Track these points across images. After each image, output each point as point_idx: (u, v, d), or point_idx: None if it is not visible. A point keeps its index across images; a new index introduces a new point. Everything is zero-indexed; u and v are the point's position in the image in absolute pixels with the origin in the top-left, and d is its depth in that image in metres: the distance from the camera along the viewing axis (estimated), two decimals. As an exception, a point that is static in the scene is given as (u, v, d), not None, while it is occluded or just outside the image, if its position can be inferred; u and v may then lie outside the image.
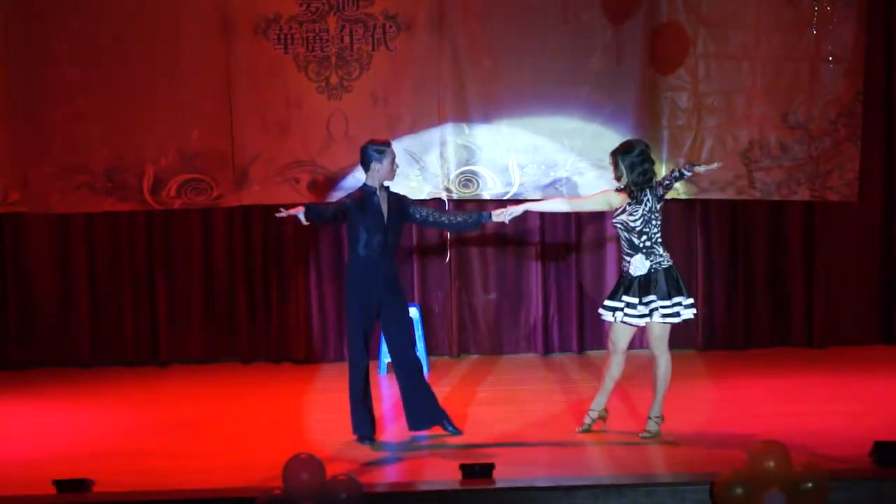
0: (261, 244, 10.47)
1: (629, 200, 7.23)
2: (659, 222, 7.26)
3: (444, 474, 6.49)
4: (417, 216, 7.48)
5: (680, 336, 10.43)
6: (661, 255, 7.24)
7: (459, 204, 10.27)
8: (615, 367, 7.40)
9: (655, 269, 7.22)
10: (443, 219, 7.61)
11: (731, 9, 9.97)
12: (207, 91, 9.91)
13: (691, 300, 7.30)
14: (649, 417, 7.37)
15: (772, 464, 5.52)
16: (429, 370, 9.89)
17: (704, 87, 10.02)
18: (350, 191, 9.75)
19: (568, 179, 10.00)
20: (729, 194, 10.16)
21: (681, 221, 10.48)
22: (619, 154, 7.29)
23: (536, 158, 10.01)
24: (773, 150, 10.05)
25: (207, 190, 9.99)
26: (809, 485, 5.54)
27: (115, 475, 6.58)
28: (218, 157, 9.97)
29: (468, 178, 9.94)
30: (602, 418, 7.46)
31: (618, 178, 7.30)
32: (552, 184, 9.96)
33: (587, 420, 7.43)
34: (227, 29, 9.86)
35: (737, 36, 9.98)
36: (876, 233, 10.61)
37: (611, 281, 10.50)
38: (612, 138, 9.90)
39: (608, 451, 7.12)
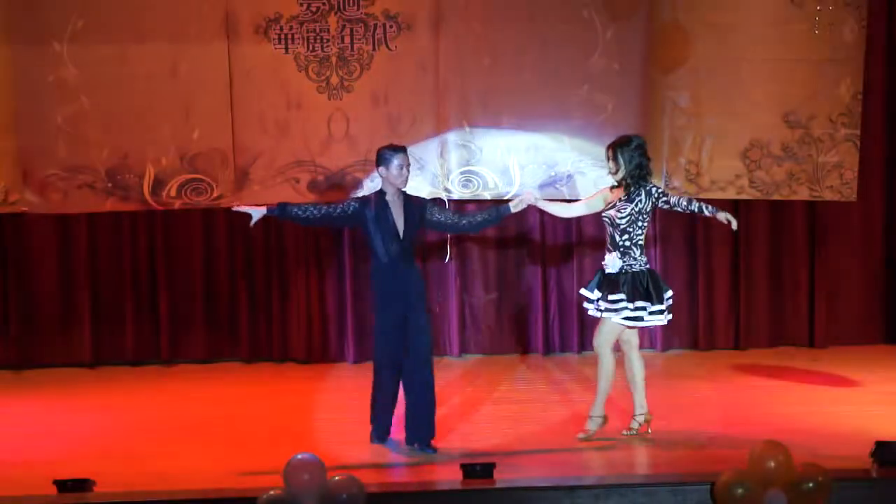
0: (262, 244, 10.48)
1: (622, 196, 7.24)
2: (645, 225, 7.25)
3: (445, 474, 6.50)
4: (435, 220, 7.34)
5: (681, 336, 10.51)
6: (634, 259, 7.23)
7: (460, 204, 10.27)
8: (627, 367, 7.42)
9: (626, 270, 7.22)
10: (463, 222, 7.42)
11: (732, 8, 9.96)
12: (208, 91, 9.90)
13: (660, 307, 7.24)
14: (591, 417, 7.38)
15: (773, 464, 5.53)
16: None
17: (705, 86, 10.01)
18: (347, 189, 9.88)
19: (569, 178, 9.99)
20: (729, 194, 10.16)
21: (681, 221, 10.49)
22: (617, 147, 7.32)
23: (537, 158, 10.00)
24: (774, 149, 10.05)
25: (208, 190, 9.99)
26: (810, 485, 5.54)
27: (116, 475, 6.58)
28: (218, 157, 9.97)
29: (468, 178, 9.94)
30: (647, 420, 7.43)
31: (614, 172, 7.31)
32: (553, 183, 9.95)
33: (634, 425, 7.41)
34: (227, 29, 9.85)
35: (737, 35, 9.97)
36: (877, 232, 10.62)
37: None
38: (613, 137, 9.90)
39: (608, 451, 7.12)
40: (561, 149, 9.99)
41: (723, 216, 7.22)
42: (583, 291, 7.47)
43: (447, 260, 10.36)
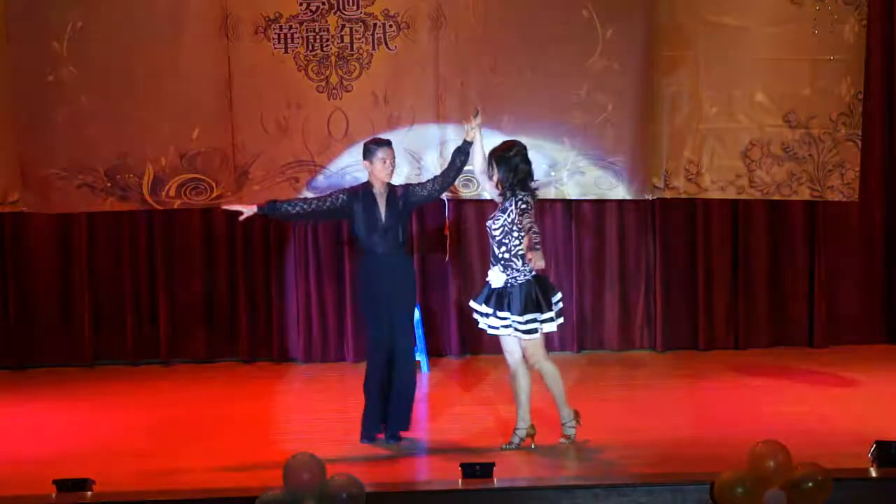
0: (261, 244, 10.48)
1: (503, 206, 7.19)
2: (522, 235, 7.07)
3: (444, 474, 6.50)
4: (422, 196, 7.54)
5: (680, 336, 10.51)
6: (518, 270, 7.10)
7: (459, 204, 10.28)
8: (512, 379, 7.26)
9: (512, 283, 7.10)
10: (446, 181, 7.59)
11: (732, 8, 9.95)
12: (208, 91, 9.89)
13: (551, 314, 7.12)
14: (563, 424, 7.28)
15: (772, 464, 5.52)
16: (429, 370, 9.91)
17: (705, 86, 10.00)
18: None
19: (569, 178, 9.99)
20: (729, 194, 10.16)
21: (681, 221, 10.49)
22: (492, 153, 7.28)
23: (537, 158, 9.89)
24: (774, 149, 10.04)
25: (207, 190, 9.98)
26: (810, 485, 5.54)
27: (116, 475, 6.58)
28: (218, 156, 9.96)
29: (468, 178, 9.90)
30: (531, 435, 7.25)
31: (491, 178, 7.28)
32: (553, 183, 9.94)
33: (515, 439, 7.21)
34: (227, 28, 9.85)
35: (737, 35, 9.96)
36: (876, 232, 10.62)
37: (610, 281, 10.52)
38: (613, 138, 9.93)
39: (608, 450, 7.12)
40: (561, 149, 9.98)
41: (528, 255, 6.93)
42: (472, 304, 7.36)
43: (447, 259, 10.36)
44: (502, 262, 7.13)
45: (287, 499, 5.43)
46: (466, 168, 8.18)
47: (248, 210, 7.54)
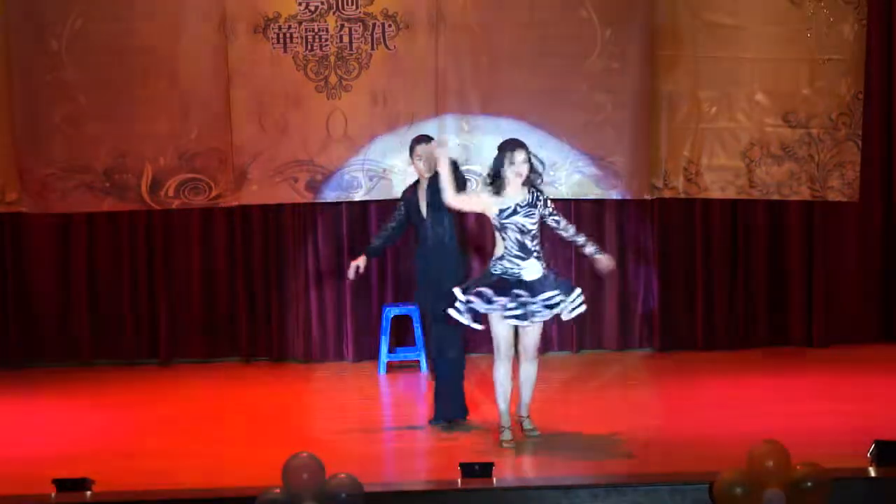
0: (261, 243, 10.47)
1: (519, 201, 7.17)
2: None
3: (444, 473, 6.49)
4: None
5: (680, 336, 10.50)
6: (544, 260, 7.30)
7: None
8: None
9: (546, 272, 7.24)
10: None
11: (731, 8, 9.96)
12: (206, 90, 9.90)
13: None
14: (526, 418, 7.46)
15: (771, 463, 5.52)
16: (428, 370, 9.91)
17: (704, 86, 10.01)
18: (345, 189, 9.96)
19: (568, 177, 10.00)
20: (729, 194, 10.17)
21: (680, 221, 10.48)
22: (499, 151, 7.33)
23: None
24: (774, 149, 10.05)
25: (206, 190, 9.99)
26: (809, 484, 5.54)
27: (115, 474, 6.58)
28: (217, 156, 9.96)
29: (467, 178, 9.92)
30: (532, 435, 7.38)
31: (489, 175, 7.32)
32: (553, 182, 9.93)
33: (507, 434, 7.28)
34: (226, 28, 9.85)
35: (736, 35, 9.98)
36: (876, 232, 10.61)
37: (609, 281, 10.50)
38: (613, 137, 9.93)
39: (607, 450, 7.12)
40: (560, 148, 9.99)
41: (598, 256, 7.44)
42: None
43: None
44: (535, 255, 7.19)
45: (286, 499, 5.42)
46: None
47: (361, 262, 7.80)
